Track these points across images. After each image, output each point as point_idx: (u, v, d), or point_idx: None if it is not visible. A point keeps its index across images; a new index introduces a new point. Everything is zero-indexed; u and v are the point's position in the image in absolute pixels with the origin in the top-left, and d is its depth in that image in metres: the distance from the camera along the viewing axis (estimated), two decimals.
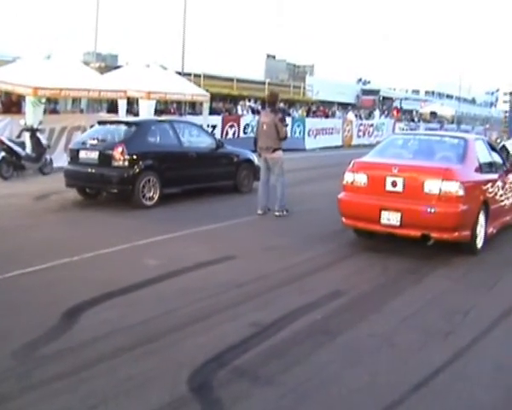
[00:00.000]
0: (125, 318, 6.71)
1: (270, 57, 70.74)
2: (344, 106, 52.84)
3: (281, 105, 32.68)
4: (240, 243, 10.48)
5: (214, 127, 27.12)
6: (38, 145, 18.27)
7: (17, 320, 6.59)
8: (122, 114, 21.61)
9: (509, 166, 12.86)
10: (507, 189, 11.90)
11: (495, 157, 11.90)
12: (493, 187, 10.89)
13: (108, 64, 39.37)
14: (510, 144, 33.22)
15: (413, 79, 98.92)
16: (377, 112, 51.98)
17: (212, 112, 30.13)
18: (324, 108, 46.69)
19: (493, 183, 10.92)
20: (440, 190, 9.42)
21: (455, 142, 11.00)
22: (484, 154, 11.22)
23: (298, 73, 67.56)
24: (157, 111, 26.02)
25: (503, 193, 11.59)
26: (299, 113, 39.73)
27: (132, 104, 25.65)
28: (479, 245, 10.16)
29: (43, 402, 4.86)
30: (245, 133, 30.14)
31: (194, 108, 33.00)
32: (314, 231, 11.53)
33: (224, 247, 10.08)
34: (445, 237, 9.67)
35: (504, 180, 11.76)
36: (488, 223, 10.49)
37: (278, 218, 12.86)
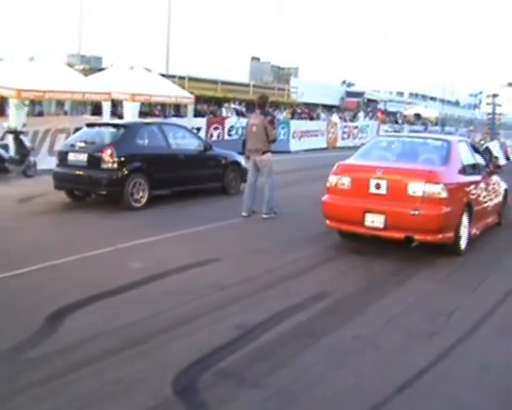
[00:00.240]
0: (111, 320, 6.70)
1: (254, 59, 70.76)
2: (328, 108, 52.97)
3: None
4: (225, 246, 10.48)
5: (199, 129, 27.05)
6: (22, 148, 18.19)
7: (2, 323, 6.56)
8: (106, 117, 21.55)
9: (492, 167, 12.95)
10: (490, 190, 11.98)
11: (478, 159, 11.97)
12: (476, 189, 10.96)
13: (92, 66, 39.23)
14: (493, 146, 33.49)
15: (397, 82, 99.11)
16: (361, 114, 52.12)
17: (197, 114, 30.11)
18: (309, 111, 46.70)
19: (476, 184, 10.99)
20: (424, 193, 9.46)
21: (438, 144, 11.05)
22: (467, 156, 11.28)
23: (282, 75, 67.55)
24: (141, 113, 25.99)
25: (486, 194, 11.67)
26: (283, 115, 39.73)
27: (117, 106, 25.58)
28: (462, 247, 10.22)
29: (29, 406, 4.84)
30: (229, 135, 30.13)
31: (178, 111, 32.97)
32: (299, 234, 11.55)
33: (210, 249, 10.07)
34: (429, 239, 9.72)
35: (487, 182, 11.84)
36: (471, 224, 10.55)
37: (264, 220, 12.86)
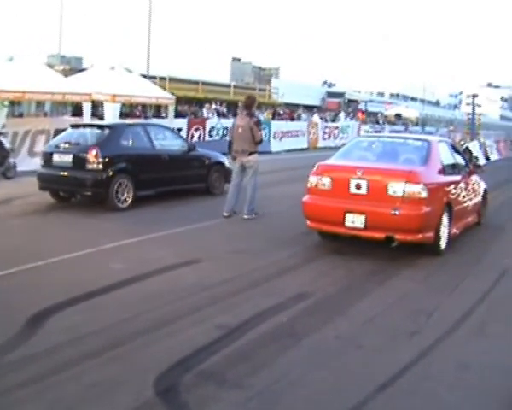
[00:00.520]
0: (92, 322, 6.67)
1: (235, 60, 70.92)
2: (309, 108, 53.08)
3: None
4: (207, 246, 10.47)
5: (180, 130, 27.00)
6: (1, 149, 18.04)
7: None
8: (87, 118, 21.46)
9: (472, 167, 13.04)
10: (470, 190, 12.06)
11: (458, 159, 12.06)
12: (456, 189, 11.03)
13: (73, 67, 39.12)
14: (473, 146, 33.77)
15: (378, 82, 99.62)
16: (342, 114, 52.22)
17: (178, 115, 30.06)
18: (290, 111, 46.78)
19: (456, 184, 11.05)
20: (404, 193, 9.50)
21: (418, 144, 11.10)
22: (447, 156, 11.36)
23: (263, 76, 67.74)
24: (122, 114, 25.92)
25: (466, 194, 11.74)
26: (264, 115, 39.73)
27: (97, 107, 25.47)
28: (442, 246, 10.28)
29: None
30: (210, 136, 30.10)
31: (159, 111, 32.89)
32: (280, 234, 11.57)
33: (191, 250, 10.07)
34: (409, 239, 9.77)
35: (467, 182, 11.93)
36: (451, 224, 10.62)
37: (245, 221, 12.87)
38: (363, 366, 5.85)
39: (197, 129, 29.53)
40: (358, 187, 9.80)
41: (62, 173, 13.75)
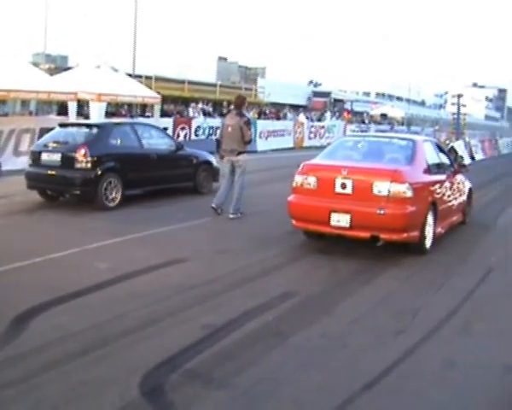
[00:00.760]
0: (77, 322, 6.64)
1: (221, 59, 70.93)
2: (295, 108, 53.07)
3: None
4: (193, 246, 10.46)
5: (166, 130, 26.96)
6: None
7: None
8: (72, 117, 21.38)
9: (457, 167, 13.08)
10: (455, 189, 12.10)
11: (443, 158, 12.10)
12: (441, 188, 11.06)
13: (58, 65, 38.99)
14: (459, 146, 33.93)
15: (364, 82, 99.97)
16: (328, 114, 52.34)
17: (164, 114, 30.01)
18: (276, 110, 46.80)
19: (441, 184, 11.09)
20: (389, 192, 9.52)
21: (403, 143, 11.13)
22: (432, 155, 11.39)
23: (249, 75, 67.75)
24: (108, 113, 25.83)
25: (451, 193, 11.79)
26: (250, 115, 39.76)
27: (83, 106, 25.39)
28: (427, 245, 10.31)
29: None
30: (196, 135, 30.08)
31: (145, 111, 32.82)
32: (265, 233, 11.57)
33: (177, 249, 10.05)
34: (395, 238, 9.79)
35: (452, 181, 11.97)
36: (436, 223, 10.65)
37: (230, 220, 12.87)
38: (348, 365, 5.86)
39: (183, 128, 29.50)
40: (344, 186, 9.81)
41: (51, 172, 13.75)
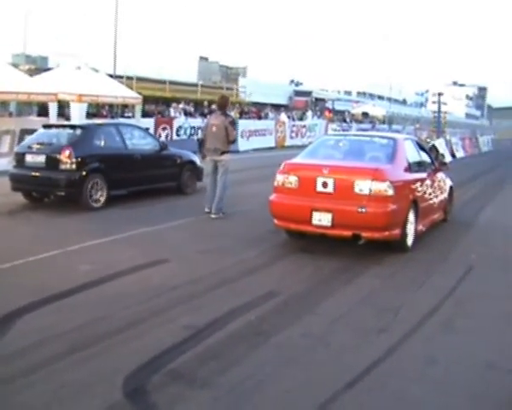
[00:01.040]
0: (59, 324, 6.61)
1: (202, 59, 70.87)
2: (277, 107, 53.11)
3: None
4: (175, 246, 10.46)
5: (147, 130, 26.93)
6: None
7: None
8: (53, 118, 21.30)
9: (438, 165, 13.16)
10: (436, 187, 12.17)
11: (424, 156, 12.16)
12: (422, 186, 11.11)
13: (38, 66, 38.81)
14: (439, 144, 34.10)
15: (345, 81, 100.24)
16: (310, 113, 52.39)
17: (145, 114, 29.93)
18: (257, 110, 46.81)
19: (422, 182, 11.14)
20: (370, 190, 9.54)
21: (384, 142, 11.17)
22: (413, 153, 11.45)
23: (231, 75, 67.75)
24: (89, 114, 25.72)
25: (432, 191, 11.85)
26: (232, 114, 39.72)
27: (63, 107, 25.27)
28: (409, 243, 10.36)
29: None
30: (178, 135, 30.02)
31: (125, 111, 32.69)
32: (247, 233, 11.59)
33: (159, 250, 10.03)
34: (376, 237, 9.82)
35: (433, 179, 12.03)
36: (418, 221, 10.70)
37: (213, 220, 12.87)
38: (331, 364, 5.88)
39: (164, 128, 29.43)
40: (325, 185, 9.83)
41: (35, 174, 13.75)
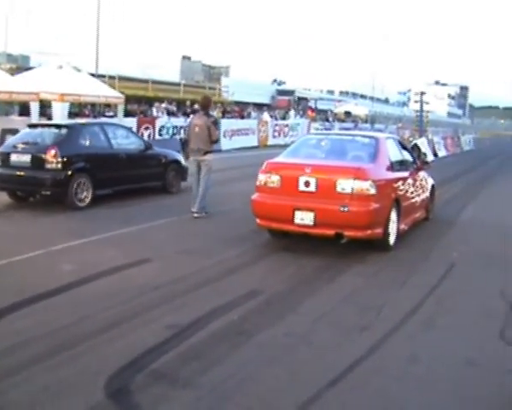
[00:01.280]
0: (41, 326, 6.58)
1: (185, 58, 70.75)
2: (259, 106, 53.13)
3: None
4: (158, 246, 10.44)
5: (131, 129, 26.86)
6: None
7: None
8: (35, 118, 21.21)
9: (420, 163, 13.21)
10: (417, 186, 12.22)
11: (406, 155, 12.20)
12: (404, 185, 11.16)
13: (20, 65, 38.58)
14: (422, 143, 34.25)
15: (328, 80, 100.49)
16: (292, 112, 52.45)
17: (127, 114, 29.84)
18: (240, 109, 46.81)
19: (404, 180, 11.19)
20: (352, 189, 9.57)
21: (366, 141, 11.21)
22: (395, 152, 11.49)
23: (213, 74, 67.70)
24: (71, 114, 25.61)
25: (414, 190, 11.90)
26: (214, 114, 39.71)
27: (45, 107, 25.14)
28: (391, 242, 10.40)
29: None
30: (160, 135, 29.93)
31: (106, 110, 32.56)
32: (230, 232, 11.58)
33: (142, 250, 10.01)
34: (358, 235, 9.85)
35: (415, 178, 12.08)
36: (400, 220, 10.74)
37: (196, 219, 12.86)
38: (313, 363, 5.90)
39: (147, 128, 29.32)
40: (307, 184, 9.84)
41: (20, 173, 13.76)
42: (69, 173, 13.50)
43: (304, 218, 9.80)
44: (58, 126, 14.94)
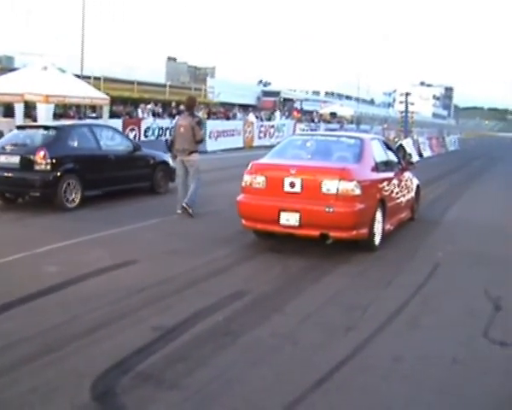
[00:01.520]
0: (25, 328, 6.55)
1: (170, 60, 70.65)
2: (245, 107, 53.13)
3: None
4: (145, 247, 10.44)
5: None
6: None
7: None
8: (19, 119, 21.14)
9: (405, 164, 13.26)
10: (403, 186, 12.26)
11: (391, 156, 12.24)
12: (389, 185, 11.20)
13: (4, 66, 38.41)
14: (407, 143, 34.36)
15: (313, 81, 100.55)
16: (278, 113, 52.45)
17: (113, 115, 29.74)
18: (225, 110, 46.80)
19: (389, 181, 11.23)
20: (338, 190, 9.59)
21: (351, 142, 11.24)
22: (380, 153, 11.52)
23: (199, 76, 67.62)
24: (56, 115, 25.50)
25: (399, 191, 11.94)
26: (200, 115, 39.65)
27: (30, 108, 25.03)
28: (377, 242, 10.44)
29: None
30: (146, 136, 29.83)
31: (94, 112, 32.46)
32: (216, 233, 11.58)
33: (128, 251, 10.00)
34: (344, 236, 9.88)
35: (400, 178, 12.12)
36: (385, 220, 10.78)
37: (182, 220, 12.85)
38: (299, 363, 5.91)
39: (132, 129, 29.23)
40: (292, 185, 9.86)
41: (9, 175, 13.75)
42: (58, 175, 13.53)
43: (289, 219, 9.82)
44: (47, 128, 14.98)
